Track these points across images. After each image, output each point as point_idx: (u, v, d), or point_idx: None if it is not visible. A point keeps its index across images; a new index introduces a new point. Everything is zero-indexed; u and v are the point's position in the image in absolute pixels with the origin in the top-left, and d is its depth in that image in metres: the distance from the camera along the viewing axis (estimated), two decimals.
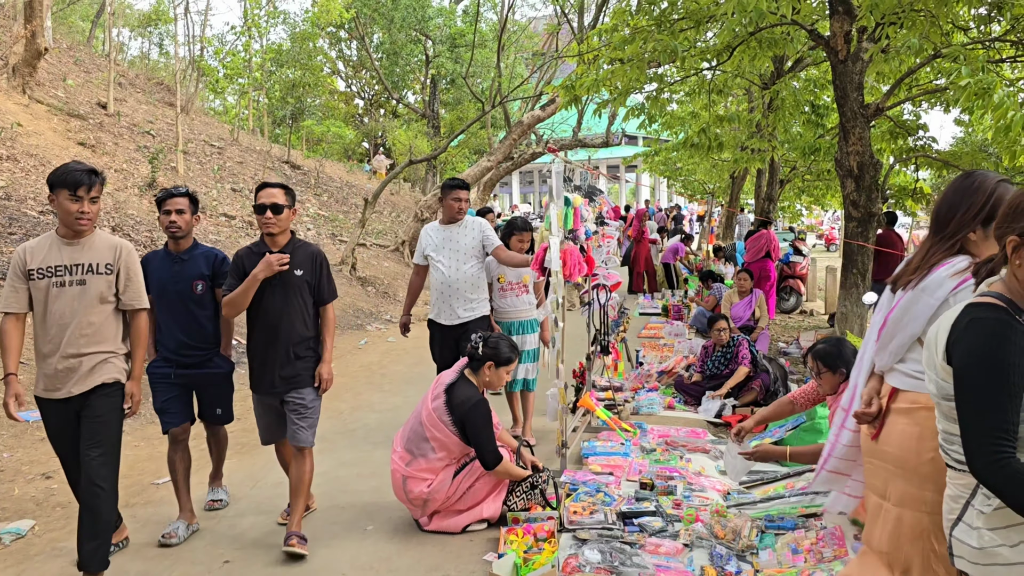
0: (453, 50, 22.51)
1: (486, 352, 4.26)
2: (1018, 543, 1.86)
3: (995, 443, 1.80)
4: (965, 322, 1.90)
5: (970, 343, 1.87)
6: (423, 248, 5.52)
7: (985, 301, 1.93)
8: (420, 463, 4.15)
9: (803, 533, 4.02)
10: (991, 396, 1.82)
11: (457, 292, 5.37)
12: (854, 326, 8.48)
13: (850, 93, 8.26)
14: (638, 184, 39.09)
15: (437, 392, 4.23)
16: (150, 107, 17.86)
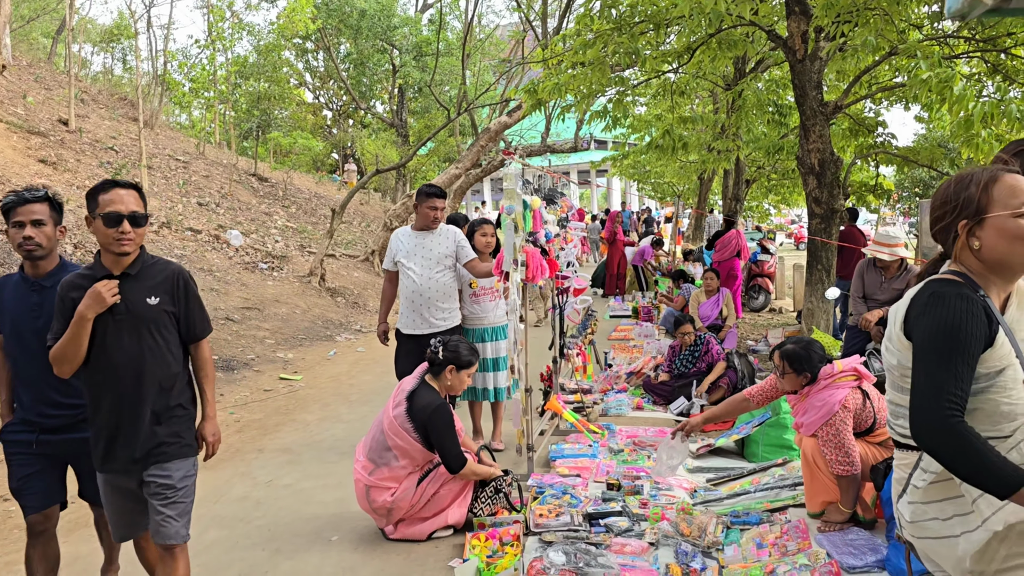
0: (419, 59, 22.50)
1: (446, 356, 4.24)
2: (951, 516, 1.88)
3: (942, 405, 1.80)
4: (926, 296, 1.93)
5: (931, 316, 1.89)
6: (394, 254, 5.36)
7: (945, 277, 1.96)
8: (383, 472, 4.11)
9: (767, 528, 4.03)
10: (946, 364, 1.83)
11: (428, 301, 5.24)
12: (820, 321, 8.57)
13: (809, 91, 8.35)
14: (609, 189, 39.26)
15: (398, 400, 4.20)
16: (113, 123, 17.66)
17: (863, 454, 3.94)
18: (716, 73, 12.26)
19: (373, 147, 21.91)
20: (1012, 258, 1.92)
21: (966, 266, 1.99)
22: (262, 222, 16.08)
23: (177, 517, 2.96)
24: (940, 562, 1.92)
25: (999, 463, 1.71)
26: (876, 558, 3.56)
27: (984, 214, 1.92)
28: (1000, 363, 1.86)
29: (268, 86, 19.37)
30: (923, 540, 1.96)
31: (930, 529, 1.92)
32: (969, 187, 1.94)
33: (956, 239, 1.98)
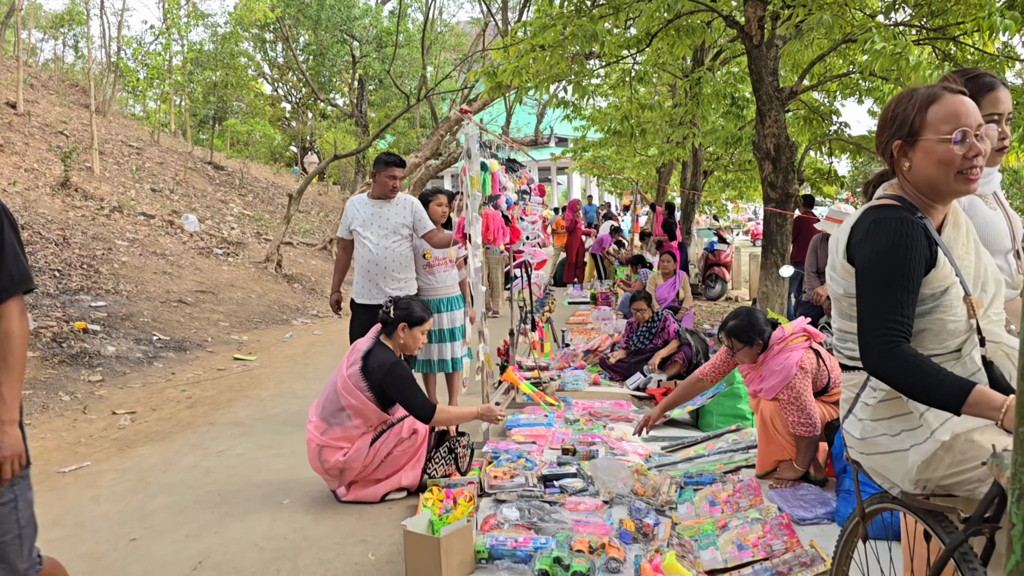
0: (380, 49, 22.33)
1: (398, 314, 4.19)
2: (899, 432, 1.91)
3: (889, 333, 1.82)
4: (867, 223, 1.94)
5: (872, 242, 1.90)
6: (349, 222, 5.28)
7: (884, 203, 1.98)
8: (336, 431, 4.05)
9: (720, 487, 4.06)
10: (889, 289, 1.85)
11: (384, 271, 5.17)
12: (775, 304, 8.67)
13: (765, 77, 8.46)
14: (569, 187, 39.41)
15: (353, 359, 4.13)
16: (64, 109, 17.23)
17: (820, 414, 3.97)
18: (675, 64, 12.37)
19: (332, 137, 21.68)
20: (939, 184, 1.93)
21: (904, 188, 2.01)
22: (217, 209, 15.81)
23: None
24: (889, 476, 1.94)
25: (946, 379, 1.74)
26: (826, 510, 3.61)
27: (917, 136, 1.94)
28: (943, 283, 1.89)
29: (225, 74, 19.04)
30: (872, 456, 1.98)
31: (879, 445, 1.95)
32: (907, 107, 1.96)
33: (890, 157, 2.00)
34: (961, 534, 1.73)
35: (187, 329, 9.02)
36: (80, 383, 6.78)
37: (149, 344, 8.14)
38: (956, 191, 1.94)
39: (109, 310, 8.53)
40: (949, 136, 1.89)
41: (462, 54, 20.40)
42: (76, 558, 3.52)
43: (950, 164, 1.90)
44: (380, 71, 22.14)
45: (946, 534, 1.79)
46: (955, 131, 1.89)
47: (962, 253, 1.97)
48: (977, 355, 1.88)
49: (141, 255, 10.86)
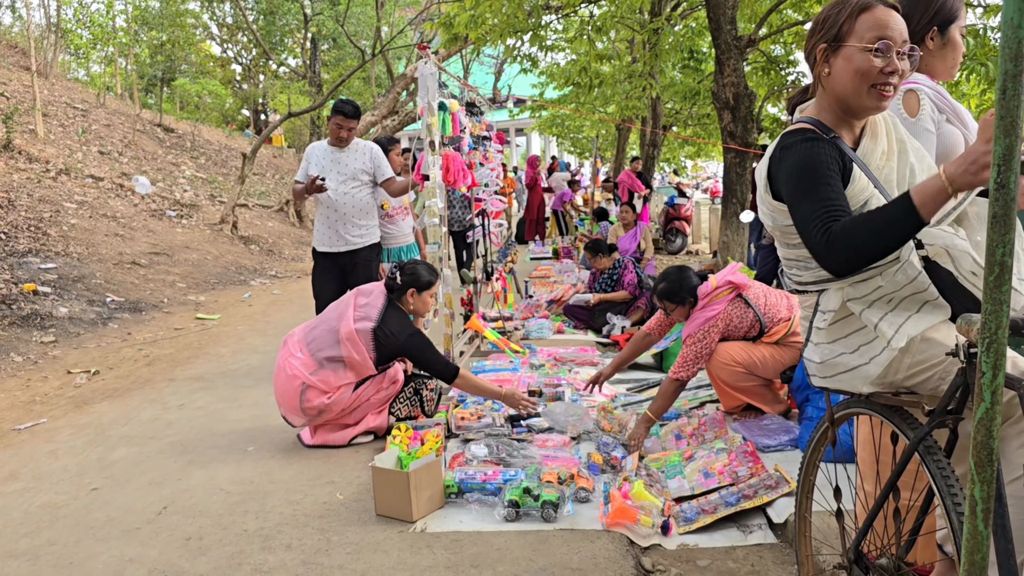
0: (333, 7, 21.81)
1: (404, 280, 4.08)
2: (857, 347, 1.92)
3: (822, 224, 1.78)
4: (778, 152, 1.94)
5: (785, 168, 1.91)
6: (307, 167, 5.12)
7: (795, 128, 1.97)
8: (326, 374, 3.92)
9: (686, 420, 4.10)
10: (811, 193, 1.83)
11: (345, 217, 5.05)
12: (735, 253, 8.75)
13: (724, 25, 8.43)
14: (529, 147, 39.20)
15: (365, 314, 3.99)
16: (3, 71, 16.58)
17: (767, 358, 3.99)
18: (632, 17, 12.29)
19: (285, 98, 21.22)
20: (850, 96, 1.91)
21: (820, 103, 2.00)
22: (169, 172, 15.44)
23: None
24: (854, 389, 1.96)
25: (885, 212, 1.70)
26: (789, 437, 3.67)
27: (842, 42, 1.91)
28: (861, 196, 1.89)
29: (172, 33, 18.46)
30: (835, 377, 1.99)
31: (840, 364, 1.95)
32: (840, 11, 1.93)
33: (813, 63, 1.99)
34: (925, 427, 1.76)
35: (142, 291, 8.83)
36: (32, 344, 6.61)
37: (103, 305, 7.95)
38: (866, 106, 1.91)
39: (60, 272, 8.30)
40: (872, 45, 1.86)
41: (418, 9, 20.03)
42: (36, 508, 3.45)
43: (866, 75, 1.87)
44: (334, 29, 21.67)
45: (911, 429, 1.81)
46: (879, 41, 1.86)
47: (881, 163, 1.95)
48: (915, 258, 1.83)
49: (91, 218, 10.57)
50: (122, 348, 6.82)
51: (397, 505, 3.11)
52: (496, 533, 2.97)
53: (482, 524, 3.05)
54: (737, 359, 3.94)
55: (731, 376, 3.97)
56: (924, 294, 1.83)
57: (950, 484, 1.69)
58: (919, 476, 1.85)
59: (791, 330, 3.99)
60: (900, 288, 1.84)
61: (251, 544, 2.98)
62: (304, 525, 3.12)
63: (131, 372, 6.04)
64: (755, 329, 4.02)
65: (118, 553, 2.97)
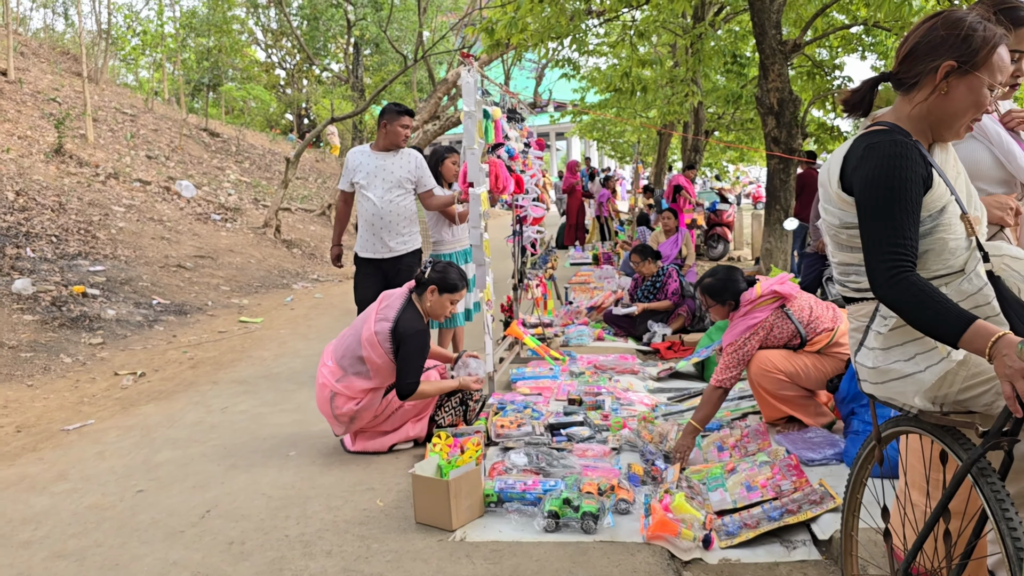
0: (376, 12, 22.03)
1: (432, 276, 4.08)
2: (914, 355, 1.88)
3: (894, 259, 1.81)
4: (861, 150, 1.90)
5: (868, 168, 1.88)
6: (351, 174, 5.10)
7: (875, 129, 1.93)
8: (352, 381, 3.97)
9: (728, 432, 4.04)
10: (890, 213, 1.83)
11: (389, 224, 5.03)
12: (778, 260, 8.65)
13: (768, 30, 8.35)
14: (569, 152, 39.17)
15: (383, 315, 4.03)
16: (56, 76, 17.01)
17: (810, 367, 3.92)
18: (675, 22, 12.21)
19: (328, 103, 21.47)
20: (954, 121, 1.92)
21: (903, 111, 1.96)
22: (214, 175, 15.70)
23: None
24: (904, 399, 1.92)
25: (950, 311, 1.73)
26: (834, 451, 3.60)
27: (976, 69, 1.88)
28: (940, 202, 1.88)
29: (219, 39, 18.79)
30: (886, 384, 1.94)
31: (894, 371, 1.92)
32: (981, 37, 1.87)
33: (927, 74, 1.92)
34: (979, 448, 1.71)
35: (187, 293, 8.98)
36: (81, 346, 6.76)
37: (149, 308, 8.11)
38: (955, 134, 1.96)
39: (108, 274, 8.48)
40: (992, 85, 1.88)
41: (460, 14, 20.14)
42: (83, 509, 3.51)
43: (978, 109, 1.90)
44: (376, 34, 21.87)
45: (963, 451, 1.76)
46: (998, 84, 1.88)
47: (953, 174, 1.97)
48: (982, 270, 1.87)
49: (138, 221, 10.79)
50: (167, 350, 6.95)
51: (437, 513, 3.11)
52: (535, 544, 2.95)
53: (521, 534, 3.04)
54: (779, 367, 3.88)
55: (773, 384, 3.91)
56: (986, 308, 1.83)
57: (1005, 508, 1.65)
58: (971, 499, 1.80)
59: (834, 340, 3.92)
60: (964, 299, 1.84)
61: (292, 550, 3.00)
62: (344, 532, 3.14)
63: (176, 374, 6.15)
64: (796, 340, 3.96)
65: (162, 556, 3.01)
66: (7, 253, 7.94)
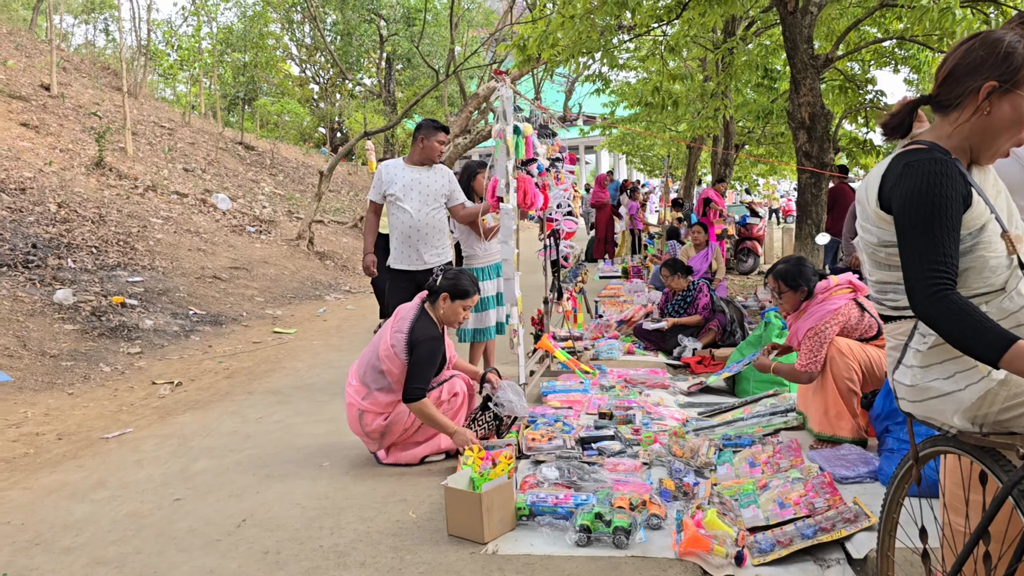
0: (408, 28, 22.30)
1: (443, 284, 4.14)
2: (953, 374, 1.87)
3: (934, 277, 1.80)
4: (900, 168, 1.90)
5: (907, 185, 1.87)
6: (384, 186, 5.14)
7: (914, 147, 1.93)
8: (377, 396, 4.05)
9: (760, 448, 4.02)
10: (930, 231, 1.82)
11: (425, 237, 5.10)
12: None
13: (800, 45, 8.31)
14: (598, 165, 39.16)
15: (398, 327, 4.10)
16: (96, 91, 17.40)
17: (880, 360, 3.92)
18: (706, 36, 12.20)
19: (361, 117, 21.73)
20: (996, 140, 1.91)
21: (944, 131, 1.96)
22: (249, 188, 15.94)
23: None
24: (943, 419, 1.91)
25: (991, 330, 1.72)
26: (868, 469, 3.57)
27: (1018, 86, 1.87)
28: (980, 220, 1.87)
29: (255, 54, 19.13)
30: (925, 403, 1.94)
31: (933, 390, 1.91)
32: (1016, 54, 1.86)
33: (968, 94, 1.92)
34: (1020, 470, 1.70)
35: (222, 304, 9.13)
36: (119, 355, 6.89)
37: (186, 318, 8.25)
38: (998, 154, 1.94)
39: (146, 285, 8.65)
40: None
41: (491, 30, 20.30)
42: (122, 516, 3.59)
43: (1020, 128, 1.88)
44: (408, 49, 22.12)
45: (1004, 472, 1.75)
46: None
47: (993, 193, 1.95)
48: (1023, 287, 1.86)
49: (175, 232, 10.98)
50: (203, 360, 7.06)
51: (469, 526, 3.13)
52: (567, 558, 2.97)
53: (553, 548, 3.05)
54: (856, 353, 3.90)
55: (843, 369, 3.88)
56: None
57: None
58: (1012, 521, 1.79)
59: None
60: (1005, 317, 1.84)
61: (327, 560, 3.04)
62: (378, 543, 3.17)
63: (211, 384, 6.25)
64: (870, 332, 3.98)
65: (199, 564, 3.07)
66: (49, 264, 8.13)
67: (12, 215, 8.89)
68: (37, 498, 3.87)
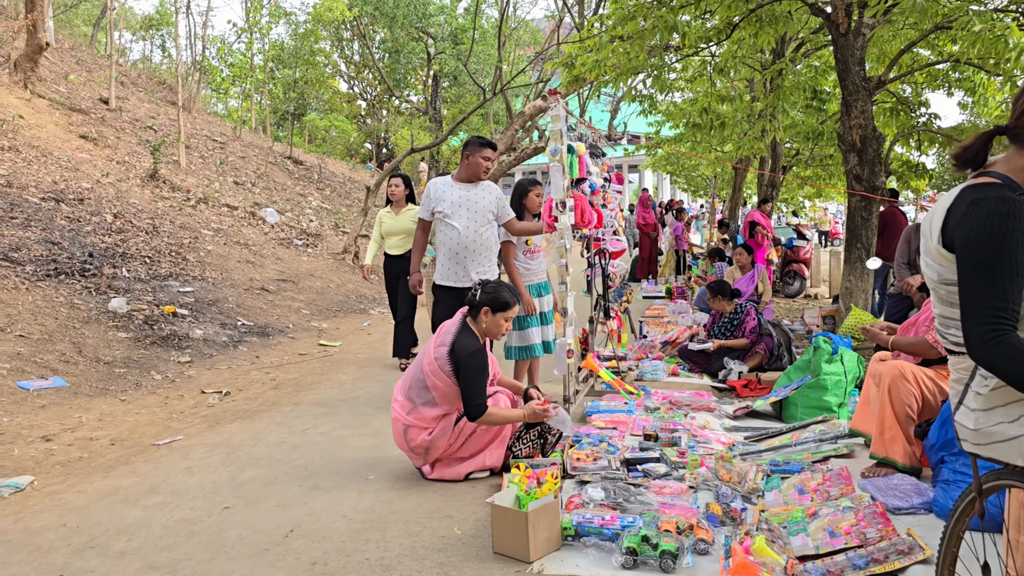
0: (455, 46, 22.55)
1: (483, 298, 4.17)
2: (1018, 416, 1.83)
3: (993, 320, 1.76)
4: (966, 204, 1.85)
5: (972, 224, 1.82)
6: (433, 204, 5.17)
7: (983, 182, 1.89)
8: (421, 411, 4.09)
9: (809, 475, 3.96)
10: (992, 274, 1.78)
11: (473, 254, 5.12)
12: (859, 300, 8.43)
13: (852, 67, 8.23)
14: (641, 184, 39.04)
15: (441, 341, 4.14)
16: (152, 105, 17.88)
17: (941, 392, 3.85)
18: (755, 57, 12.14)
19: (407, 133, 22.00)
20: None
21: (1018, 166, 1.92)
22: (297, 202, 16.21)
23: None
24: (1008, 460, 1.87)
25: None
26: (922, 500, 3.49)
27: None
28: None
29: (305, 71, 19.50)
30: (990, 446, 1.89)
31: (997, 434, 1.86)
32: None
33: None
34: None
35: (269, 315, 9.27)
36: (170, 363, 7.03)
37: (234, 328, 8.39)
38: None
39: (196, 295, 8.82)
40: None
41: (537, 49, 20.44)
42: (173, 522, 3.65)
43: None
44: (455, 67, 22.36)
45: None
46: None
47: None
48: None
49: (225, 244, 11.20)
50: (251, 371, 7.17)
51: (515, 544, 3.13)
52: None
53: (599, 569, 3.04)
54: (918, 378, 3.84)
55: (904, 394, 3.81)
56: None
57: None
58: None
59: None
60: None
61: (372, 573, 3.06)
62: (423, 558, 3.19)
63: (259, 394, 6.34)
64: None
65: (249, 573, 3.11)
66: (105, 273, 8.34)
67: (71, 224, 9.15)
68: (91, 501, 3.96)
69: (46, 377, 6.07)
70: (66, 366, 6.37)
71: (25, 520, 3.75)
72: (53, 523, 3.69)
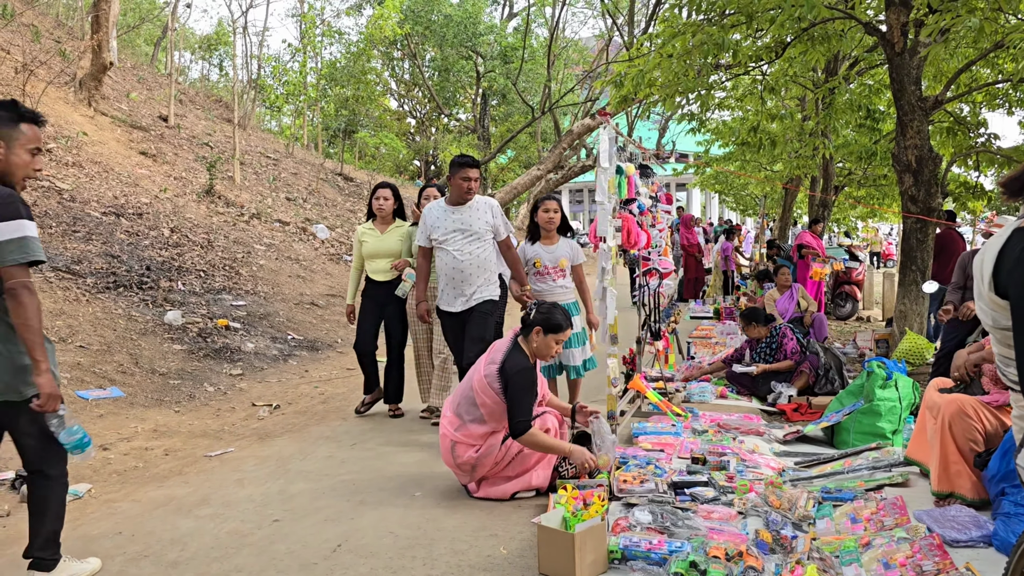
0: (504, 65, 22.75)
1: (536, 318, 4.19)
2: None
3: None
4: (1019, 251, 1.79)
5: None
6: (428, 231, 5.13)
7: None
8: (470, 428, 4.10)
9: (862, 503, 3.88)
10: None
11: (468, 277, 5.07)
12: (913, 324, 8.25)
13: (907, 86, 8.10)
14: (689, 203, 38.80)
15: (492, 358, 4.16)
16: (209, 122, 18.36)
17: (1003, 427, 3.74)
18: (806, 75, 12.01)
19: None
20: None
21: None
22: (347, 218, 16.44)
23: None
24: None
25: None
26: (981, 533, 3.39)
27: None
28: None
29: (356, 89, 19.85)
30: None
31: None
32: None
33: None
34: None
35: (319, 330, 9.40)
36: (223, 376, 7.17)
37: (284, 342, 8.53)
38: None
39: (248, 309, 8.99)
40: None
41: (586, 67, 20.53)
42: (224, 534, 3.72)
43: None
44: (504, 86, 22.54)
45: None
46: None
47: None
48: None
49: (277, 259, 11.41)
50: (300, 384, 7.28)
51: (561, 566, 3.12)
52: None
53: None
54: (980, 415, 3.71)
55: (967, 430, 3.70)
56: None
57: None
58: None
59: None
60: None
61: None
62: None
63: (308, 408, 6.43)
64: None
65: None
66: (161, 286, 8.56)
67: (129, 238, 9.41)
68: (146, 511, 4.06)
69: (104, 387, 6.24)
70: (123, 377, 6.54)
71: (83, 527, 3.85)
72: (109, 531, 3.78)
